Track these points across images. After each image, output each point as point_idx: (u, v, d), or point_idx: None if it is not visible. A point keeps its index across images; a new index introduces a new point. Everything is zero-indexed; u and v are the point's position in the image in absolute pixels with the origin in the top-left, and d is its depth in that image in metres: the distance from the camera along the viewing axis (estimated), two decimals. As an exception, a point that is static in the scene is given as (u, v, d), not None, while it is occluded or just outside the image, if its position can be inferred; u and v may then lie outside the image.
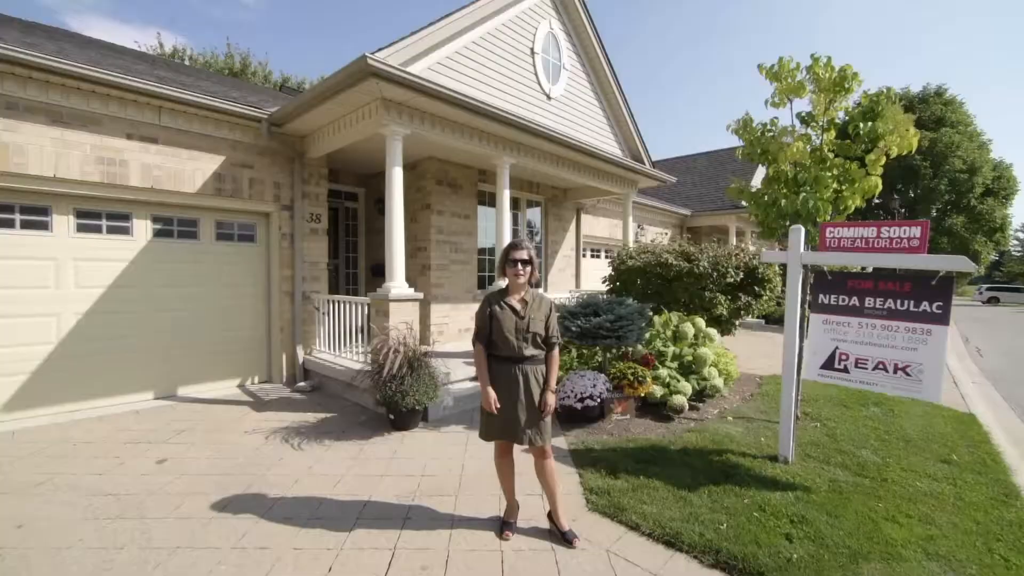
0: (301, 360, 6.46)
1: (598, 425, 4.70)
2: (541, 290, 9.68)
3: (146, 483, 3.52)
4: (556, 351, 2.87)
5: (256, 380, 6.50)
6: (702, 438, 4.35)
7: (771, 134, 4.69)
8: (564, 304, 5.54)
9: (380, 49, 4.79)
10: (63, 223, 5.07)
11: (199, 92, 5.52)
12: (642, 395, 4.94)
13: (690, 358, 5.50)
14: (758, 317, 10.57)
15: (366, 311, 5.50)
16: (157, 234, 5.66)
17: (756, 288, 7.04)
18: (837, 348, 3.67)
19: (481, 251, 8.33)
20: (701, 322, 6.10)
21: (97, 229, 5.28)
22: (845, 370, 3.63)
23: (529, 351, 2.74)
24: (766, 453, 4.03)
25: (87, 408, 5.19)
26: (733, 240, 14.20)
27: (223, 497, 3.31)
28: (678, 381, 5.18)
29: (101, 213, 5.30)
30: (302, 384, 6.16)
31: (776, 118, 4.73)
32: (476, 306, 9.93)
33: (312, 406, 5.48)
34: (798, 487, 3.40)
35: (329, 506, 3.18)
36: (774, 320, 14.03)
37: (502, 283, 2.83)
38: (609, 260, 7.80)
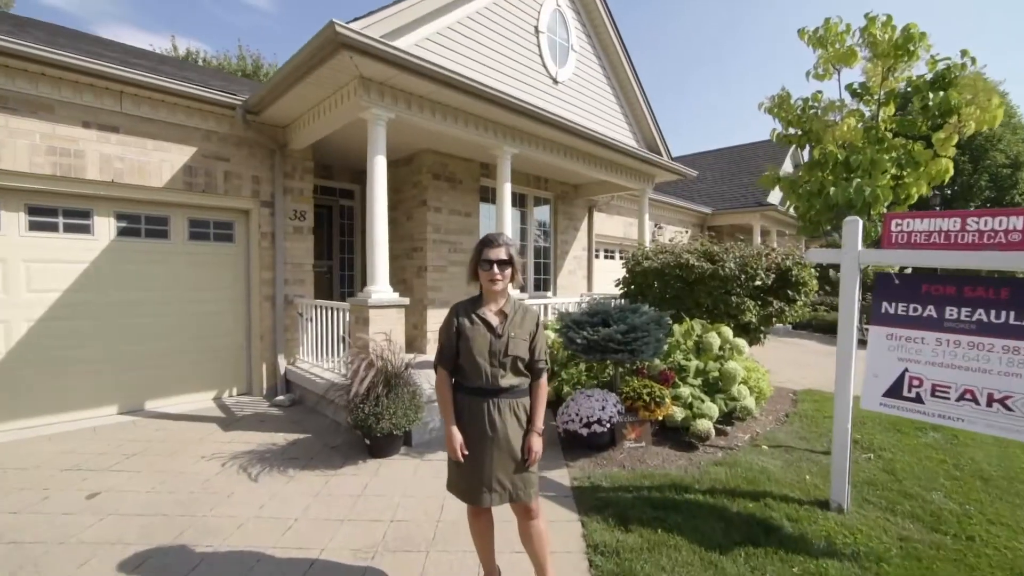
0: (283, 370, 5.90)
1: (608, 455, 4.01)
2: (548, 294, 9.00)
3: (63, 526, 2.95)
4: (543, 379, 2.20)
5: (234, 392, 5.96)
6: (733, 474, 3.62)
7: (814, 111, 3.95)
8: (570, 311, 4.86)
9: (356, 19, 4.19)
10: (12, 220, 4.58)
11: (164, 76, 4.99)
12: (660, 418, 4.23)
13: (716, 374, 4.77)
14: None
15: (348, 318, 4.91)
16: (122, 233, 5.15)
17: (789, 292, 6.26)
18: (906, 371, 2.92)
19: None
20: (728, 331, 5.35)
21: (52, 227, 4.79)
22: (917, 399, 2.88)
23: (507, 380, 2.08)
24: (814, 497, 3.29)
25: (41, 425, 4.70)
26: (757, 239, 13.31)
27: (145, 549, 2.71)
28: (702, 402, 4.46)
29: (57, 209, 4.80)
30: (280, 398, 5.59)
31: (820, 92, 3.99)
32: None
33: (286, 424, 4.90)
34: (862, 551, 2.66)
35: (267, 566, 2.56)
36: (802, 325, 13.09)
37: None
38: (624, 261, 7.09)
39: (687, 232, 13.43)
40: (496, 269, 2.08)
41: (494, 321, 2.11)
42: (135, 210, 5.21)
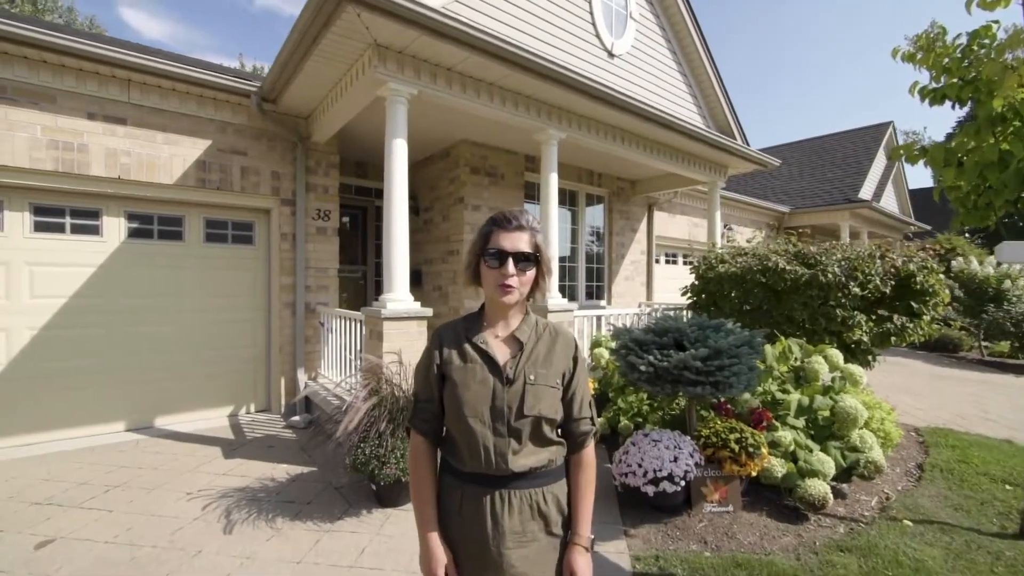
0: (302, 386, 5.31)
1: (682, 521, 3.00)
2: (602, 303, 7.96)
3: (-13, 591, 2.38)
4: (590, 450, 1.32)
5: (252, 409, 5.44)
6: (871, 570, 2.51)
7: (983, 50, 2.82)
8: (628, 326, 3.89)
9: (368, -28, 3.48)
10: (17, 220, 4.26)
11: (173, 62, 4.54)
12: (753, 474, 3.17)
13: (826, 413, 3.62)
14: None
15: (363, 331, 4.21)
16: (132, 234, 4.75)
17: (913, 304, 4.94)
18: None
19: (528, 255, 6.83)
20: (836, 354, 4.17)
21: (59, 228, 4.44)
22: None
23: (525, 458, 1.21)
24: (1017, 625, 2.14)
25: (42, 442, 4.31)
26: (846, 242, 11.57)
27: (59, 640, 2.06)
28: (810, 452, 3.34)
29: (64, 209, 4.45)
30: (296, 418, 4.98)
31: (993, 22, 2.84)
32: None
33: (294, 452, 4.25)
34: None
35: None
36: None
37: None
38: (692, 266, 6.01)
39: (761, 234, 11.93)
40: (510, 267, 1.21)
41: (500, 355, 1.25)
42: (147, 209, 4.80)
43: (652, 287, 8.91)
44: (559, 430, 1.29)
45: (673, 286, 9.53)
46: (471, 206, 6.14)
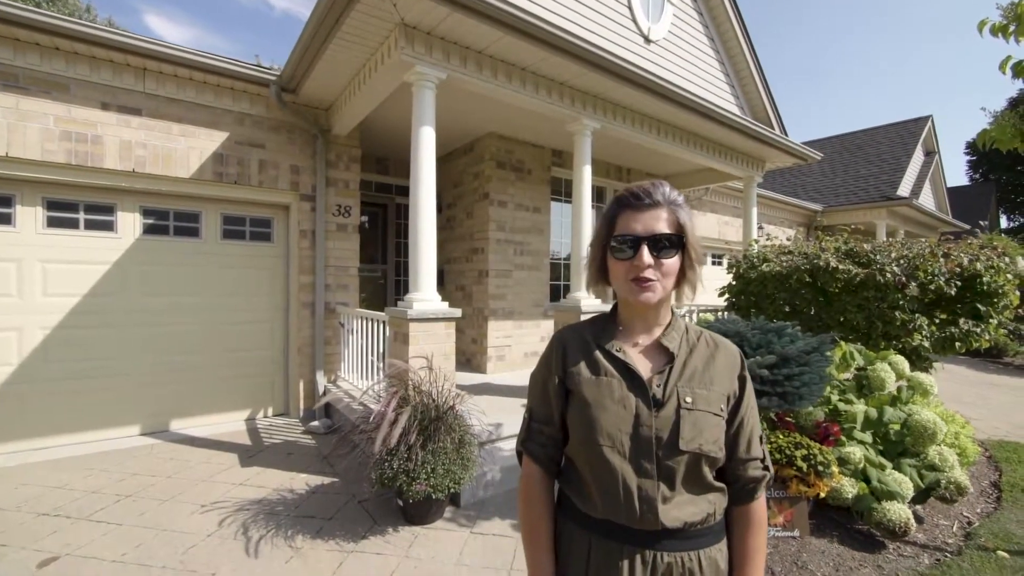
0: (321, 390, 5.08)
1: (744, 549, 2.68)
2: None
3: (-16, 618, 2.16)
4: (760, 504, 1.01)
5: (270, 412, 5.23)
6: (980, 616, 2.17)
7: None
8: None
9: (395, -55, 3.23)
10: (29, 215, 4.10)
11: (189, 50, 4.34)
12: (822, 495, 2.83)
13: (897, 426, 3.27)
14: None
15: (387, 333, 3.96)
16: (148, 230, 4.57)
17: (979, 306, 4.54)
18: None
19: (555, 257, 6.56)
20: (902, 361, 3.81)
21: (72, 224, 4.27)
22: None
23: (678, 508, 0.91)
24: None
25: (55, 447, 4.15)
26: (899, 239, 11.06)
27: None
28: (882, 470, 2.99)
29: (78, 204, 4.28)
30: (315, 424, 4.76)
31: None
32: (547, 325, 7.55)
33: (314, 460, 4.02)
34: None
35: None
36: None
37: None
38: (728, 265, 5.65)
39: (792, 233, 11.46)
40: (645, 255, 0.92)
41: (643, 368, 0.97)
42: (162, 204, 4.61)
43: (680, 287, 8.53)
44: (723, 475, 1.00)
45: (700, 286, 9.15)
46: (497, 202, 5.86)
